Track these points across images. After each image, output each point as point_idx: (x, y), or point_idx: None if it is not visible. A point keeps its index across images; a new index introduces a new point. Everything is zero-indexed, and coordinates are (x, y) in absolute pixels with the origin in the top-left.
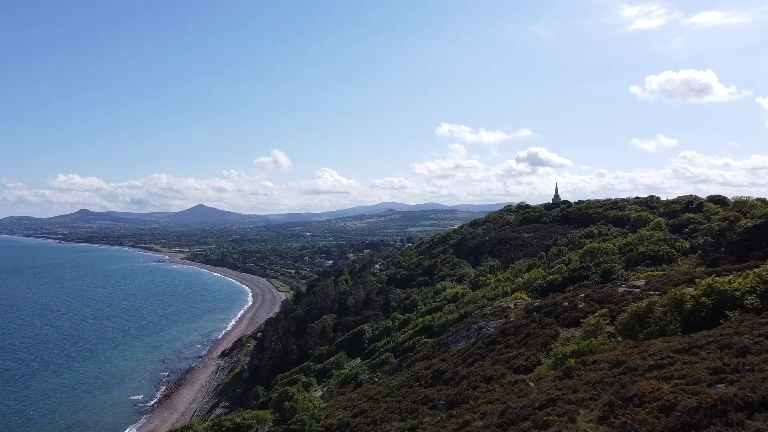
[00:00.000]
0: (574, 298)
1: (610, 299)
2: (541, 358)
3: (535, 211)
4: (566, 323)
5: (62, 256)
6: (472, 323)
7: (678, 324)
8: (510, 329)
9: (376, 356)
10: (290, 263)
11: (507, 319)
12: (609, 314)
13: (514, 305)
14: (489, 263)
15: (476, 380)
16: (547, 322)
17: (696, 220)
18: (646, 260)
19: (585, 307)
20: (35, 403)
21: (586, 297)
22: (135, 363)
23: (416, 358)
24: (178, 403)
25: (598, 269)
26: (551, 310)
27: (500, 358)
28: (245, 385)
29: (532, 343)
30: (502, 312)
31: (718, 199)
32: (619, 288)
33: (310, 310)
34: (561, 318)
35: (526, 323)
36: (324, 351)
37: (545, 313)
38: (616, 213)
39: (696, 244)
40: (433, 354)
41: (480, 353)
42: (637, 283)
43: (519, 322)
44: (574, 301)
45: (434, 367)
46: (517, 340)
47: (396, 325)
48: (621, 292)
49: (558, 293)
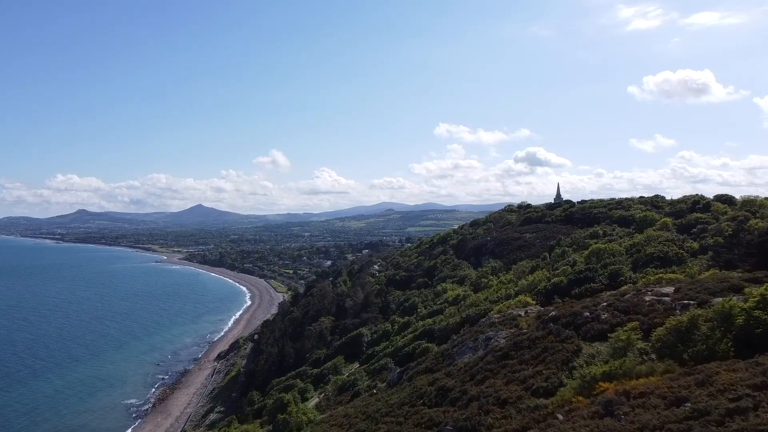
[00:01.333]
0: (595, 308)
1: (637, 309)
2: (563, 378)
3: (537, 210)
4: (589, 337)
5: (59, 257)
6: (479, 332)
7: (729, 343)
8: (523, 342)
9: (375, 361)
10: (289, 264)
11: (518, 329)
12: (640, 328)
13: (524, 313)
14: (491, 264)
15: (488, 403)
16: (566, 334)
17: (704, 220)
18: (655, 262)
19: (609, 318)
20: (26, 406)
21: (610, 306)
22: (130, 365)
23: (418, 370)
24: (172, 408)
25: (605, 271)
26: (570, 320)
27: (515, 377)
28: (241, 389)
29: (551, 360)
30: (511, 320)
31: (725, 199)
32: (646, 296)
33: (308, 312)
34: (582, 330)
35: (542, 336)
36: (321, 355)
37: (563, 324)
38: (621, 213)
39: (705, 245)
40: (436, 366)
41: (490, 369)
42: (665, 290)
43: (533, 334)
44: (596, 311)
45: (439, 383)
46: (532, 355)
47: (395, 329)
48: (648, 301)
49: (574, 301)
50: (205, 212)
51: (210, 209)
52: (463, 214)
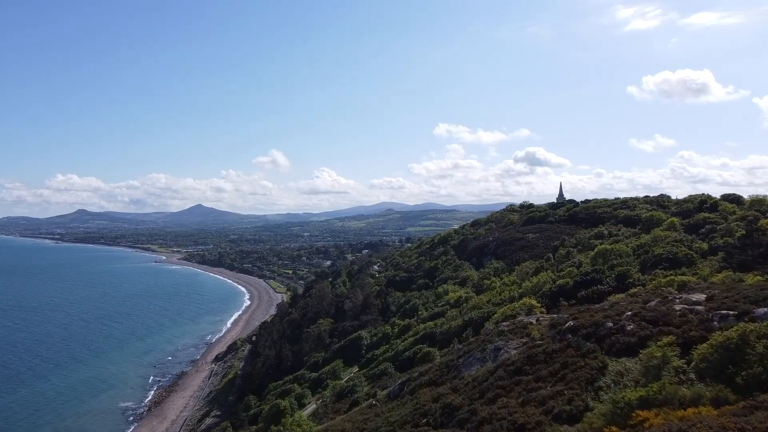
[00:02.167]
0: (619, 317)
1: (667, 320)
2: (589, 400)
3: (539, 210)
4: (614, 351)
5: (58, 257)
6: (487, 342)
7: None
8: (539, 355)
9: (375, 366)
10: (288, 264)
11: (530, 338)
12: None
13: (536, 320)
14: (493, 265)
15: (503, 428)
16: (587, 348)
17: (712, 220)
18: (664, 263)
19: (635, 329)
20: (22, 408)
21: (635, 316)
22: (127, 367)
23: (421, 382)
24: (168, 411)
25: (612, 272)
26: (591, 332)
27: (531, 397)
28: (237, 393)
29: (573, 378)
30: (522, 329)
31: (733, 198)
32: (675, 305)
33: (306, 313)
34: (606, 343)
35: (560, 348)
36: (319, 358)
37: (584, 335)
38: (626, 213)
39: (715, 245)
40: (441, 378)
41: (503, 386)
42: (695, 297)
43: (550, 347)
44: (620, 321)
45: (444, 399)
46: (550, 372)
47: (395, 332)
48: (679, 310)
49: (590, 306)
50: (205, 212)
51: (210, 209)
52: (462, 214)
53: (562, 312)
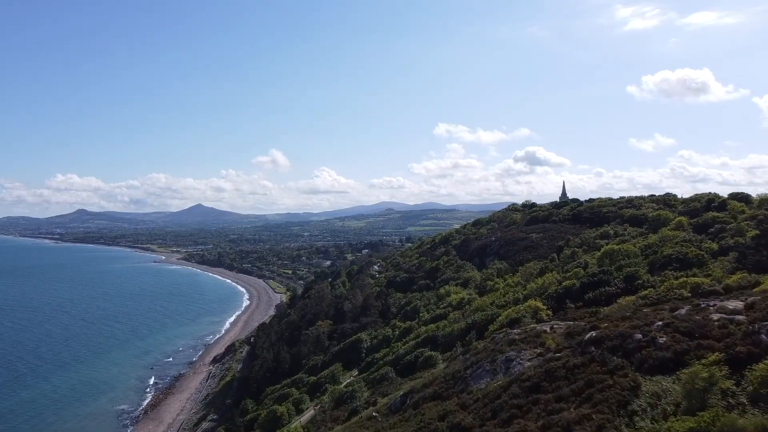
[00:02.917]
0: (649, 328)
1: (705, 332)
2: (623, 428)
3: (543, 210)
4: (646, 368)
5: (57, 257)
6: (497, 352)
7: None
8: (558, 370)
9: (375, 370)
10: (288, 264)
11: (545, 349)
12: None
13: (550, 328)
14: (496, 266)
15: None
16: (615, 364)
17: (721, 220)
18: (673, 263)
19: (669, 342)
20: (18, 411)
21: (667, 327)
22: (124, 369)
23: (425, 395)
24: (165, 414)
25: (620, 274)
26: (618, 344)
27: (553, 421)
28: (235, 396)
29: (601, 400)
30: (535, 338)
31: (741, 197)
32: (711, 314)
33: (305, 315)
34: (636, 358)
35: (582, 363)
36: (318, 361)
37: (609, 348)
38: (632, 212)
39: (725, 246)
40: (447, 392)
41: (518, 405)
42: (732, 305)
43: (570, 360)
44: (650, 332)
45: (452, 419)
46: (573, 390)
47: (396, 335)
48: (717, 321)
49: (617, 317)
50: (205, 212)
51: (210, 209)
52: (463, 214)
53: (569, 314)
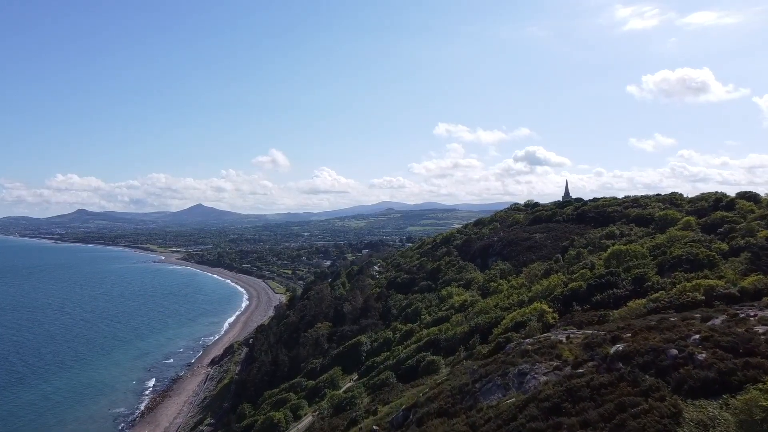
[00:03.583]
0: (685, 342)
1: (751, 348)
2: None
3: (546, 209)
4: (686, 390)
5: (56, 257)
6: (508, 364)
7: None
8: (582, 389)
9: (375, 375)
10: (287, 264)
11: (562, 361)
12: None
13: (566, 338)
14: (499, 266)
15: None
16: (649, 384)
17: (731, 219)
18: (684, 265)
19: (710, 359)
20: (19, 414)
21: (706, 341)
22: (121, 371)
23: (429, 410)
24: (161, 418)
25: (629, 275)
26: (650, 360)
27: None
28: (232, 399)
29: (636, 428)
30: (550, 349)
31: (749, 196)
32: (755, 326)
33: (304, 316)
34: (673, 378)
35: (609, 382)
36: (317, 365)
37: (640, 365)
38: (638, 211)
39: (736, 246)
40: (453, 408)
41: (537, 429)
42: None
43: (596, 378)
44: (686, 347)
45: None
46: (601, 415)
47: (397, 338)
48: (763, 333)
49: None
50: (205, 212)
51: (210, 209)
52: (463, 214)
53: (576, 317)
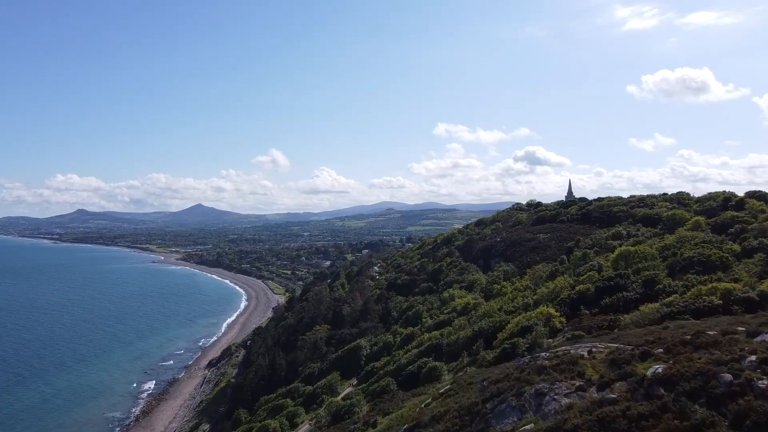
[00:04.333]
0: (739, 365)
1: None
2: None
3: (550, 209)
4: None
5: (55, 257)
6: (524, 382)
7: None
8: (617, 420)
9: (375, 381)
10: (287, 264)
11: (585, 380)
12: None
13: (587, 352)
14: (502, 268)
15: None
16: (699, 416)
17: (741, 219)
18: (695, 266)
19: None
20: (19, 416)
21: (764, 363)
22: (116, 373)
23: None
24: (156, 422)
25: (638, 277)
26: (698, 387)
27: None
28: (228, 404)
29: None
30: (571, 365)
31: (759, 195)
32: None
33: (303, 318)
34: (729, 410)
35: (651, 413)
36: (315, 369)
37: (687, 393)
38: (645, 211)
39: (748, 247)
40: (461, 431)
41: None
42: None
43: (633, 408)
44: (742, 371)
45: None
46: None
47: (397, 342)
48: None
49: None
50: (205, 212)
51: (210, 209)
52: (463, 214)
53: (584, 321)
